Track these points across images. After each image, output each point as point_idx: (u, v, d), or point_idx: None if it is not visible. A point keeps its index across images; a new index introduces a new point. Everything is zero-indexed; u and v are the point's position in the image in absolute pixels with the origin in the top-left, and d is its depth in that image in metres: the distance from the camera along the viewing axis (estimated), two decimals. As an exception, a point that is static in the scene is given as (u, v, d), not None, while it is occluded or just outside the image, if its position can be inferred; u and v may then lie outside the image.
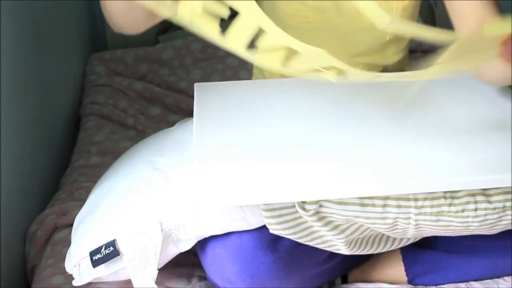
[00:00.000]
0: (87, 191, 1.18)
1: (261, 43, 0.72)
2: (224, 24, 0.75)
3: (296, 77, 1.16)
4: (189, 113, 1.63)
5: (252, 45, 0.74)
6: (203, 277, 1.09)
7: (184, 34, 1.76)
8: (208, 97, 1.05)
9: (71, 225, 1.12)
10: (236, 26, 0.71)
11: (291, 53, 0.73)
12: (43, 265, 1.11)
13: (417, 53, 1.87)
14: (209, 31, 0.73)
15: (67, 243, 1.10)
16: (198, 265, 1.11)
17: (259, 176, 0.85)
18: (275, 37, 0.71)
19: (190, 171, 0.95)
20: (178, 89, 1.74)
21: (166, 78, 1.77)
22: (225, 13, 0.73)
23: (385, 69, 1.18)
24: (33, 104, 1.33)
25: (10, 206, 1.15)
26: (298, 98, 1.04)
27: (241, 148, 0.91)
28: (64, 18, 1.72)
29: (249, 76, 1.70)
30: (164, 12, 0.73)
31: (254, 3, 0.68)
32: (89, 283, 1.06)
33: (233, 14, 0.74)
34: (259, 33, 0.72)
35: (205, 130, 0.95)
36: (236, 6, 0.70)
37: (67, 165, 1.46)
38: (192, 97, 1.07)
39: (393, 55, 1.17)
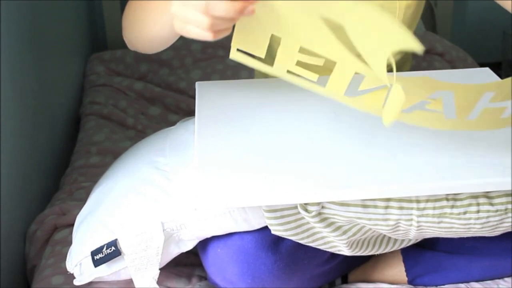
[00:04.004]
0: (87, 191, 1.18)
1: (361, 87, 0.78)
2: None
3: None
4: (189, 113, 1.64)
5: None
6: (203, 277, 1.09)
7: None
8: (209, 96, 1.05)
9: (71, 225, 1.12)
10: (334, 75, 0.77)
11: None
12: (43, 265, 1.11)
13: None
14: (305, 81, 0.80)
15: (67, 243, 1.10)
16: (198, 265, 1.11)
17: (261, 177, 0.84)
18: (374, 80, 0.76)
19: (191, 171, 0.95)
20: (178, 89, 1.74)
21: (166, 78, 1.77)
22: (321, 62, 0.79)
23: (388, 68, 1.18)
24: (33, 104, 1.32)
25: (10, 206, 1.15)
26: (301, 98, 1.04)
27: (243, 148, 0.91)
28: (64, 18, 1.72)
29: (249, 76, 1.70)
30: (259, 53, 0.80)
31: (349, 53, 0.73)
32: (90, 283, 1.06)
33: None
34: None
35: (207, 129, 0.95)
36: (333, 57, 0.74)
37: (67, 165, 1.46)
38: (192, 97, 1.07)
39: (396, 54, 1.17)
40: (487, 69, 1.14)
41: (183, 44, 1.83)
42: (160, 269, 0.97)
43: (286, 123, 0.97)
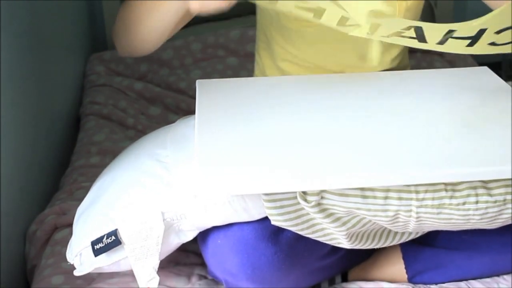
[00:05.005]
0: (87, 191, 1.18)
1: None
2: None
3: (297, 75, 1.17)
4: (189, 113, 1.63)
5: None
6: (203, 276, 1.09)
7: (184, 34, 1.76)
8: (210, 93, 1.06)
9: (71, 224, 1.12)
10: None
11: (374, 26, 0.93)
12: (43, 265, 1.11)
13: (417, 53, 1.88)
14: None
15: (67, 243, 1.09)
16: (198, 264, 1.12)
17: (260, 166, 0.85)
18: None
19: (192, 162, 0.95)
20: (178, 89, 1.74)
21: (166, 78, 1.77)
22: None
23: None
24: (33, 104, 1.32)
25: (10, 206, 1.15)
26: (299, 94, 1.05)
27: (243, 139, 0.91)
28: (64, 18, 1.72)
29: (249, 76, 1.70)
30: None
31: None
32: (90, 283, 1.06)
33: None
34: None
35: (207, 123, 0.96)
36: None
37: (67, 165, 1.46)
38: (192, 97, 1.08)
39: (395, 58, 1.18)
40: (485, 68, 1.15)
41: (183, 44, 1.84)
42: (160, 268, 0.97)
43: (285, 116, 0.98)
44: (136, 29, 0.98)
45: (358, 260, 1.10)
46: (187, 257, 1.14)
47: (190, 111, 1.65)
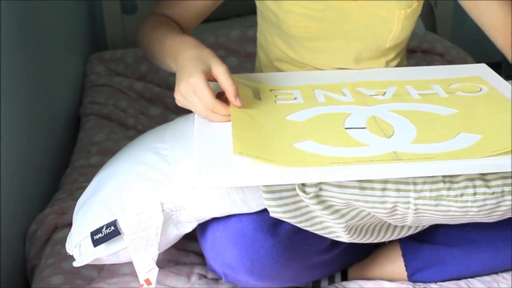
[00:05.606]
0: (87, 191, 1.18)
1: None
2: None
3: (295, 71, 1.18)
4: (188, 113, 1.64)
5: None
6: (203, 275, 1.09)
7: (184, 34, 1.76)
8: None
9: (71, 224, 1.12)
10: None
11: None
12: (43, 264, 1.12)
13: (417, 53, 1.88)
14: None
15: (67, 243, 1.10)
16: (197, 263, 1.12)
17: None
18: None
19: (191, 154, 0.95)
20: (178, 89, 1.74)
21: (166, 78, 1.77)
22: None
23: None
24: (33, 104, 1.33)
25: (10, 206, 1.15)
26: (296, 90, 1.06)
27: None
28: (64, 18, 1.72)
29: (249, 76, 1.70)
30: None
31: None
32: (89, 283, 1.06)
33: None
34: None
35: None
36: None
37: (67, 165, 1.46)
38: (192, 96, 1.08)
39: (393, 60, 1.18)
40: (483, 64, 1.16)
41: (183, 44, 1.83)
42: (160, 268, 0.97)
43: (284, 110, 0.98)
44: (151, 57, 1.13)
45: (357, 257, 1.10)
46: (187, 256, 1.14)
47: (189, 111, 1.65)
